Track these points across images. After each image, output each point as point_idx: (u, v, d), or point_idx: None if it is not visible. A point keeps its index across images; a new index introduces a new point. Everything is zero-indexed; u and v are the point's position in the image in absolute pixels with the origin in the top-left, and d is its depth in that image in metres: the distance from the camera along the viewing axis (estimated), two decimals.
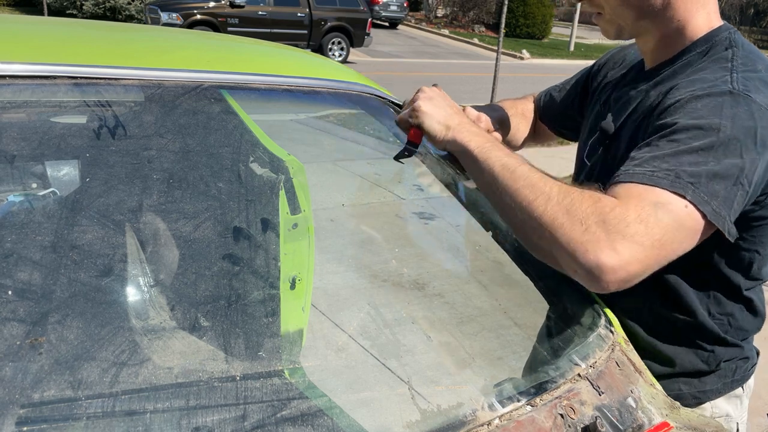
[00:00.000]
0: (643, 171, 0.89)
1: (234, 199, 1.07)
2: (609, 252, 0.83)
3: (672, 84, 1.03)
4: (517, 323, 1.24)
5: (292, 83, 1.19)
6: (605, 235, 0.84)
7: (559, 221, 0.88)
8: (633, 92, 1.12)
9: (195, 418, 0.77)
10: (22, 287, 0.79)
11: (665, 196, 0.87)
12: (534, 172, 0.96)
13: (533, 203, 0.92)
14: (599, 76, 1.33)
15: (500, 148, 1.02)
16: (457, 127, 1.06)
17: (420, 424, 0.86)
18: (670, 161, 0.89)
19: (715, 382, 1.12)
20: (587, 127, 1.26)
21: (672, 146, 0.90)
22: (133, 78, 0.99)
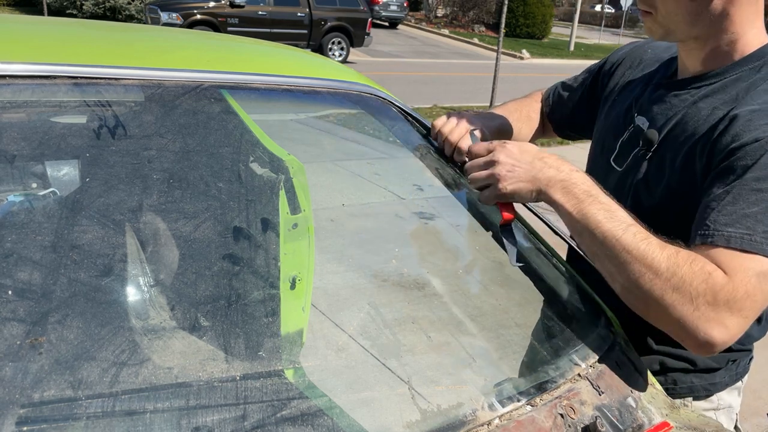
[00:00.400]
0: (739, 234, 0.87)
1: (234, 199, 1.07)
2: (719, 329, 0.86)
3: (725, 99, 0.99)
4: (517, 323, 1.24)
5: (293, 83, 1.19)
6: (715, 314, 0.86)
7: (668, 299, 0.88)
8: (675, 100, 1.07)
9: (195, 418, 0.77)
10: (22, 287, 0.79)
11: (763, 264, 0.86)
12: (640, 241, 0.90)
13: (640, 279, 0.90)
14: (616, 75, 1.28)
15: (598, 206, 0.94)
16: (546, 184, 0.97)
17: (420, 423, 0.86)
18: (763, 221, 0.86)
19: (723, 375, 1.15)
20: (612, 126, 1.20)
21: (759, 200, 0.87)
22: (133, 78, 0.99)
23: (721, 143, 0.93)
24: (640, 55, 1.26)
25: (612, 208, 0.94)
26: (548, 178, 0.97)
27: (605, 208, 0.94)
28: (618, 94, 1.24)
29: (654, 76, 1.17)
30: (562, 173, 0.97)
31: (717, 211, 0.89)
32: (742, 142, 0.89)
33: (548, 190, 0.97)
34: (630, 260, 0.90)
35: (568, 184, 0.96)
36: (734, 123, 0.93)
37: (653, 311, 0.91)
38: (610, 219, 0.92)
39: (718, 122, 0.95)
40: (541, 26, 24.58)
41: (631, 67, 1.25)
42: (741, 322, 0.87)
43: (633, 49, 1.30)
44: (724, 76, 1.02)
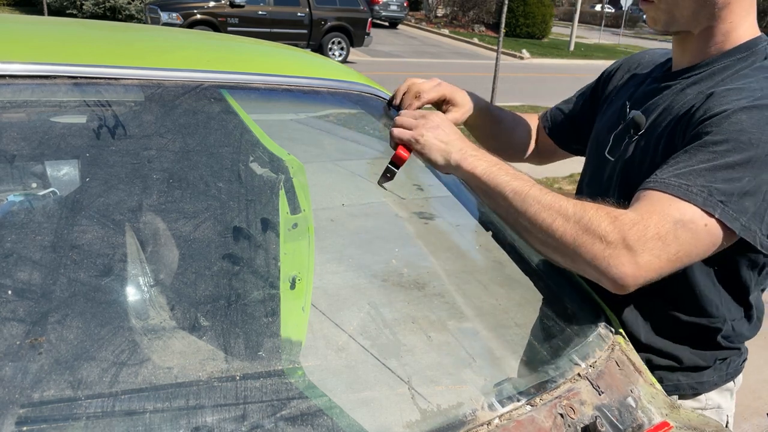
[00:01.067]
0: (679, 183, 0.92)
1: (234, 199, 1.07)
2: (630, 266, 0.91)
3: (710, 85, 1.03)
4: (517, 323, 1.24)
5: (293, 83, 1.19)
6: (625, 250, 0.90)
7: (580, 240, 0.93)
8: (666, 90, 1.11)
9: (195, 418, 0.77)
10: (22, 287, 0.79)
11: (690, 212, 0.90)
12: (546, 193, 0.98)
13: (552, 225, 0.96)
14: (613, 80, 1.32)
15: (506, 170, 1.03)
16: (459, 153, 1.06)
17: (420, 423, 0.86)
18: (706, 176, 0.91)
19: (711, 375, 1.15)
20: (607, 123, 1.23)
21: (710, 159, 0.92)
22: (133, 78, 0.99)
23: (695, 117, 0.98)
24: (638, 60, 1.30)
25: (518, 174, 1.02)
26: (461, 147, 1.07)
27: (512, 173, 1.02)
28: (615, 95, 1.27)
29: (650, 75, 1.21)
30: (473, 147, 1.08)
31: (668, 166, 0.95)
32: (712, 113, 0.95)
33: (460, 157, 1.05)
34: (540, 209, 0.97)
35: (478, 154, 1.06)
36: (709, 99, 0.98)
37: (569, 256, 0.96)
38: (516, 178, 1.01)
39: (698, 107, 1.00)
40: (541, 26, 24.57)
41: (629, 71, 1.29)
42: (653, 261, 0.90)
43: (631, 57, 1.35)
44: (713, 65, 1.05)
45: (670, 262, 0.92)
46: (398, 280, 1.50)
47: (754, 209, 0.91)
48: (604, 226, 0.92)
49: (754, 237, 0.92)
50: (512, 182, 1.00)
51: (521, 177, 1.02)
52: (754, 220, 0.92)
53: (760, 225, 0.92)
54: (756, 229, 0.92)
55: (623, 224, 0.91)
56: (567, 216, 0.94)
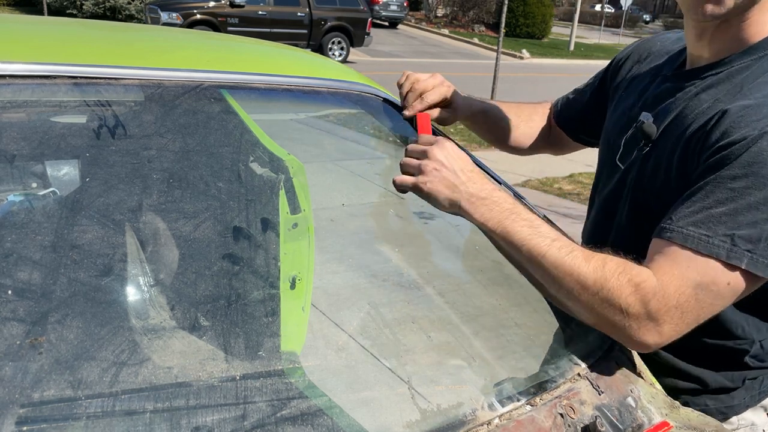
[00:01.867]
0: (699, 234, 0.85)
1: (234, 199, 1.07)
2: (652, 335, 0.88)
3: (726, 91, 0.93)
4: (517, 323, 1.24)
5: (293, 83, 1.19)
6: (648, 321, 0.87)
7: (601, 311, 0.89)
8: (679, 93, 1.01)
9: (195, 418, 0.77)
10: (21, 287, 0.79)
11: (711, 272, 0.84)
12: (565, 254, 0.89)
13: (570, 293, 0.90)
14: (623, 70, 1.23)
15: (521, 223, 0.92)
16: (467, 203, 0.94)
17: (420, 423, 0.86)
18: (727, 222, 0.83)
19: (743, 395, 1.09)
20: (617, 124, 1.15)
21: (729, 199, 0.84)
22: (133, 78, 0.99)
23: (710, 140, 0.90)
24: (648, 48, 1.21)
25: (535, 224, 0.93)
26: (470, 194, 0.94)
27: (528, 225, 0.92)
28: (624, 90, 1.19)
29: (662, 69, 1.12)
30: (484, 191, 0.95)
31: (685, 206, 0.88)
32: (730, 140, 0.86)
33: (469, 207, 0.94)
34: (558, 276, 0.90)
35: (489, 202, 0.94)
36: (724, 118, 0.89)
37: (589, 320, 0.93)
38: (534, 235, 0.91)
39: (712, 116, 0.91)
40: (541, 26, 24.58)
41: (639, 61, 1.20)
42: (675, 329, 0.88)
43: (641, 43, 1.25)
44: (731, 65, 0.96)
45: (692, 324, 0.88)
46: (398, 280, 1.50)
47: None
48: (624, 297, 0.86)
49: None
50: (528, 241, 0.91)
51: (537, 229, 0.92)
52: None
53: None
54: None
55: (645, 294, 0.86)
56: (586, 286, 0.88)
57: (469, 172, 0.96)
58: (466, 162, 0.97)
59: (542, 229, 0.92)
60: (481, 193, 0.94)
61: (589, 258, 0.90)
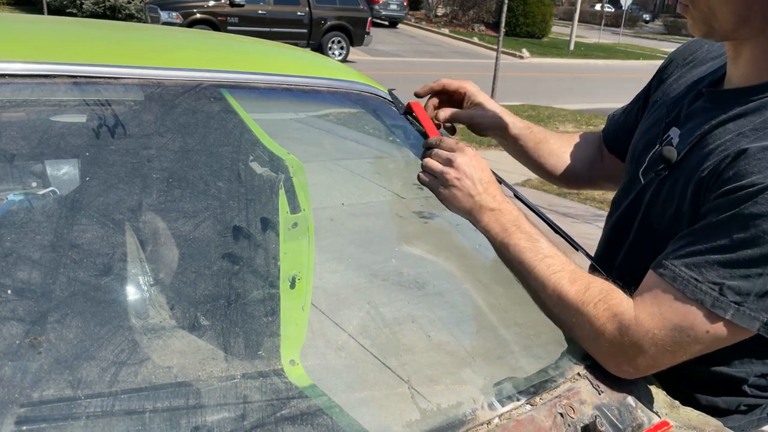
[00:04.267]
0: (689, 277, 0.83)
1: (234, 198, 1.07)
2: (627, 367, 0.91)
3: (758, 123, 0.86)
4: (517, 323, 1.24)
5: (292, 82, 1.19)
6: (621, 354, 0.89)
7: (579, 332, 0.93)
8: (707, 115, 0.94)
9: (195, 417, 0.77)
10: (21, 286, 0.79)
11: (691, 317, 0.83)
12: (551, 273, 0.93)
13: (553, 309, 0.95)
14: (665, 77, 1.16)
15: (521, 236, 0.96)
16: (479, 212, 1.00)
17: (420, 423, 0.86)
18: (719, 270, 0.81)
19: (738, 419, 1.05)
20: (645, 135, 1.09)
21: (727, 248, 0.81)
22: (132, 77, 0.99)
23: (722, 177, 0.85)
24: (692, 51, 1.12)
25: (534, 238, 0.97)
26: (481, 204, 1.00)
27: (527, 238, 0.96)
28: (661, 96, 1.12)
29: (699, 82, 1.04)
30: (494, 202, 1.00)
31: (685, 244, 0.86)
32: (740, 184, 0.82)
33: (479, 215, 1.00)
34: (544, 291, 0.94)
35: (497, 213, 0.99)
36: (741, 158, 0.84)
37: (574, 336, 0.97)
38: (528, 250, 0.95)
39: (730, 153, 0.86)
40: (541, 25, 24.58)
41: (680, 66, 1.13)
42: (651, 364, 0.89)
43: (687, 44, 1.16)
44: (763, 94, 0.87)
45: (669, 363, 0.89)
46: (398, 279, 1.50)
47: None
48: (600, 324, 0.89)
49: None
50: (522, 254, 0.95)
51: (535, 245, 0.95)
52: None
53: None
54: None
55: (620, 325, 0.88)
56: (567, 306, 0.92)
57: (486, 183, 1.01)
58: (485, 172, 1.02)
59: (538, 245, 0.96)
60: (492, 204, 1.00)
61: (574, 280, 0.92)
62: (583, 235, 4.28)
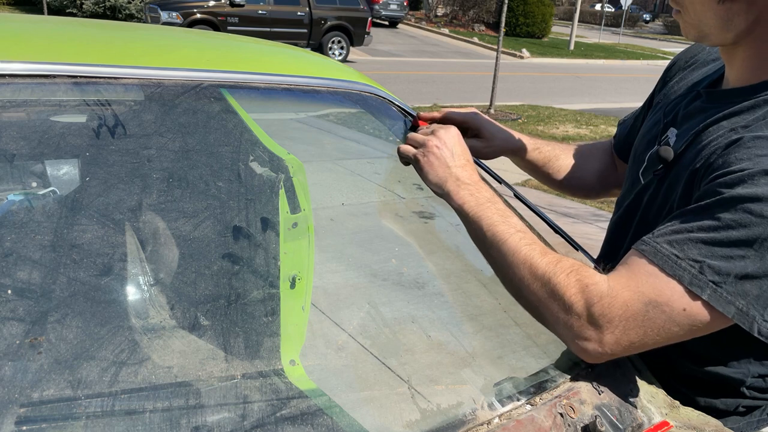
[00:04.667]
0: (669, 253, 0.82)
1: (234, 198, 1.07)
2: (592, 344, 0.86)
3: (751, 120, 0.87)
4: (517, 322, 1.24)
5: (293, 82, 1.19)
6: (589, 324, 0.85)
7: (546, 304, 0.89)
8: (703, 115, 0.96)
9: (195, 417, 0.77)
10: (21, 286, 0.79)
11: (668, 292, 0.81)
12: (525, 245, 0.92)
13: (522, 281, 0.91)
14: (668, 79, 1.17)
15: (494, 210, 0.96)
16: (454, 184, 1.00)
17: (420, 423, 0.86)
18: (702, 248, 0.80)
19: (737, 421, 1.04)
20: (646, 136, 1.10)
21: (711, 228, 0.80)
22: (132, 77, 0.99)
23: (713, 166, 0.87)
24: (694, 53, 1.14)
25: (507, 214, 0.96)
26: (457, 177, 1.00)
27: (500, 214, 0.96)
28: (663, 98, 1.14)
29: (699, 83, 1.06)
30: (471, 179, 1.01)
31: (670, 224, 0.85)
32: (730, 169, 0.83)
33: (453, 188, 1.00)
34: (514, 263, 0.92)
35: (472, 188, 0.99)
36: (732, 147, 0.85)
37: (538, 315, 0.92)
38: (502, 223, 0.95)
39: (723, 144, 0.87)
40: (541, 25, 24.58)
41: (682, 68, 1.14)
42: (619, 341, 0.85)
43: (691, 46, 1.17)
44: (758, 93, 0.89)
45: (637, 342, 0.85)
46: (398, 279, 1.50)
47: (758, 292, 0.79)
48: (569, 295, 0.86)
49: (751, 324, 0.80)
50: (495, 227, 0.94)
51: (508, 221, 0.95)
52: (756, 304, 0.79)
53: (763, 310, 0.80)
54: (756, 314, 0.80)
55: (590, 297, 0.84)
56: (536, 276, 0.89)
57: (464, 159, 1.03)
58: (465, 151, 1.04)
59: (511, 221, 0.96)
60: (468, 179, 1.00)
61: (546, 253, 0.91)
62: (583, 235, 4.28)
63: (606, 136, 8.96)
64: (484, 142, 1.26)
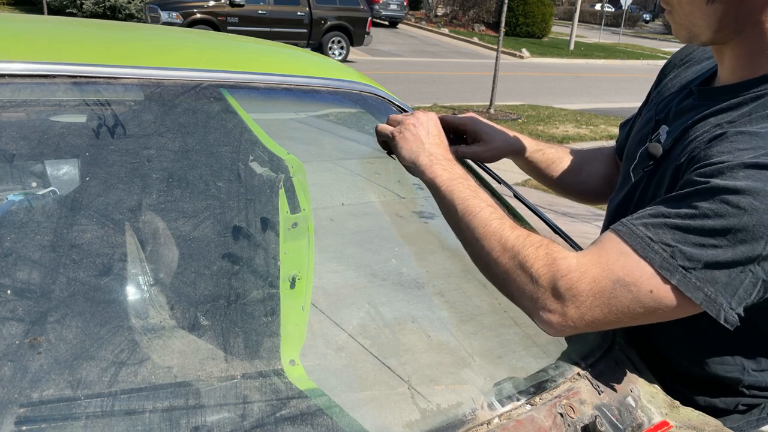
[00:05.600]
0: (643, 235, 0.83)
1: (234, 198, 1.07)
2: (556, 314, 0.85)
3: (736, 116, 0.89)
4: (517, 322, 1.24)
5: (292, 82, 1.19)
6: (554, 297, 0.85)
7: (513, 275, 0.89)
8: (693, 112, 0.97)
9: (194, 417, 0.77)
10: (21, 286, 0.79)
11: (637, 273, 0.82)
12: (495, 219, 0.93)
13: (490, 253, 0.91)
14: (662, 77, 1.18)
15: (467, 186, 0.98)
16: (427, 158, 1.02)
17: (420, 423, 0.86)
18: (676, 233, 0.81)
19: (738, 419, 1.05)
20: (639, 133, 1.11)
21: (688, 215, 0.81)
22: (132, 77, 0.99)
23: (695, 159, 0.88)
24: (689, 51, 1.16)
25: (478, 191, 0.98)
26: (430, 153, 1.03)
27: (471, 189, 0.98)
28: (657, 96, 1.15)
29: (692, 81, 1.06)
30: (446, 156, 1.04)
31: (649, 210, 0.86)
32: (711, 161, 0.84)
33: (426, 162, 1.02)
34: (484, 234, 0.93)
35: (446, 164, 1.02)
36: (717, 141, 0.87)
37: (505, 287, 0.92)
38: (473, 197, 0.96)
39: (707, 138, 0.89)
40: (541, 25, 24.58)
41: (677, 66, 1.15)
42: (583, 315, 0.85)
43: (685, 46, 1.18)
44: (747, 91, 0.90)
45: (600, 318, 0.85)
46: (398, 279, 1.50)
47: (727, 280, 0.80)
48: (537, 267, 0.86)
49: (718, 311, 0.80)
50: (467, 200, 0.96)
51: (479, 195, 0.97)
52: (725, 292, 0.80)
53: (730, 299, 0.80)
54: (723, 302, 0.80)
55: (557, 270, 0.85)
56: (506, 247, 0.90)
57: (438, 140, 1.07)
58: (440, 133, 1.09)
59: (482, 196, 0.97)
60: (441, 156, 1.03)
61: (516, 228, 0.93)
62: (583, 234, 4.28)
63: (606, 136, 8.96)
64: (484, 145, 1.26)
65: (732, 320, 0.81)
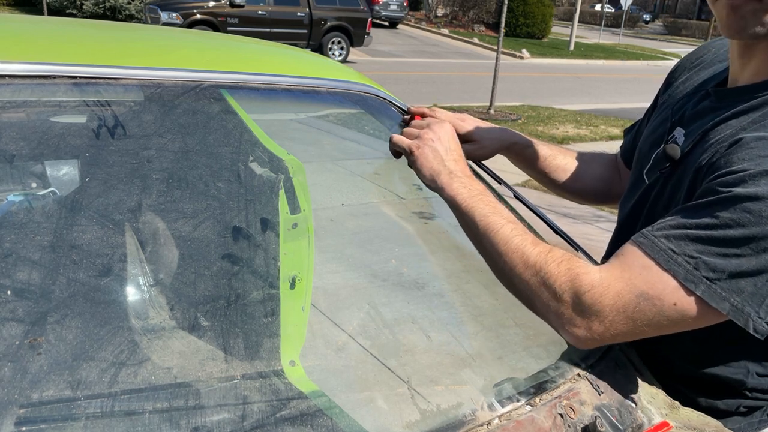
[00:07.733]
0: (665, 248, 0.82)
1: (234, 199, 1.07)
2: (582, 329, 0.86)
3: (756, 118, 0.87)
4: (517, 323, 1.24)
5: (292, 83, 1.19)
6: (578, 315, 0.86)
7: (537, 293, 0.90)
8: (712, 114, 0.96)
9: (194, 418, 0.77)
10: (21, 287, 0.79)
11: (660, 286, 0.82)
12: (516, 235, 0.93)
13: (513, 270, 0.92)
14: (672, 81, 1.17)
15: (487, 202, 0.98)
16: (447, 177, 1.02)
17: (420, 423, 0.86)
18: (698, 244, 0.81)
19: (739, 421, 1.04)
20: (651, 135, 1.10)
21: (710, 225, 0.80)
22: (132, 78, 0.99)
23: (715, 165, 0.87)
24: (700, 55, 1.15)
25: (498, 207, 0.98)
26: (450, 170, 1.03)
27: (491, 206, 0.98)
28: (668, 98, 1.14)
29: (707, 83, 1.06)
30: (465, 173, 1.03)
31: (669, 220, 0.86)
32: (731, 169, 0.83)
33: (446, 180, 1.02)
34: (506, 251, 0.93)
35: (465, 181, 1.02)
36: (736, 147, 0.85)
37: (530, 303, 0.93)
38: (494, 214, 0.97)
39: (728, 144, 0.87)
40: (541, 26, 24.58)
41: (688, 69, 1.15)
42: (608, 330, 0.85)
43: (696, 49, 1.18)
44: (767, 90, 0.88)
45: (626, 331, 0.85)
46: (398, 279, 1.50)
47: (753, 289, 0.79)
48: (560, 283, 0.87)
49: (746, 320, 0.79)
50: (488, 217, 0.96)
51: (500, 212, 0.97)
52: (751, 301, 0.79)
53: (758, 308, 0.79)
54: (751, 311, 0.79)
55: (580, 286, 0.85)
56: (528, 264, 0.90)
57: (457, 155, 1.06)
58: (458, 146, 1.08)
59: (503, 213, 0.98)
60: (461, 173, 1.03)
61: (537, 243, 0.93)
62: (583, 235, 4.28)
63: (606, 136, 8.95)
64: (475, 143, 1.26)
65: (762, 329, 0.80)
